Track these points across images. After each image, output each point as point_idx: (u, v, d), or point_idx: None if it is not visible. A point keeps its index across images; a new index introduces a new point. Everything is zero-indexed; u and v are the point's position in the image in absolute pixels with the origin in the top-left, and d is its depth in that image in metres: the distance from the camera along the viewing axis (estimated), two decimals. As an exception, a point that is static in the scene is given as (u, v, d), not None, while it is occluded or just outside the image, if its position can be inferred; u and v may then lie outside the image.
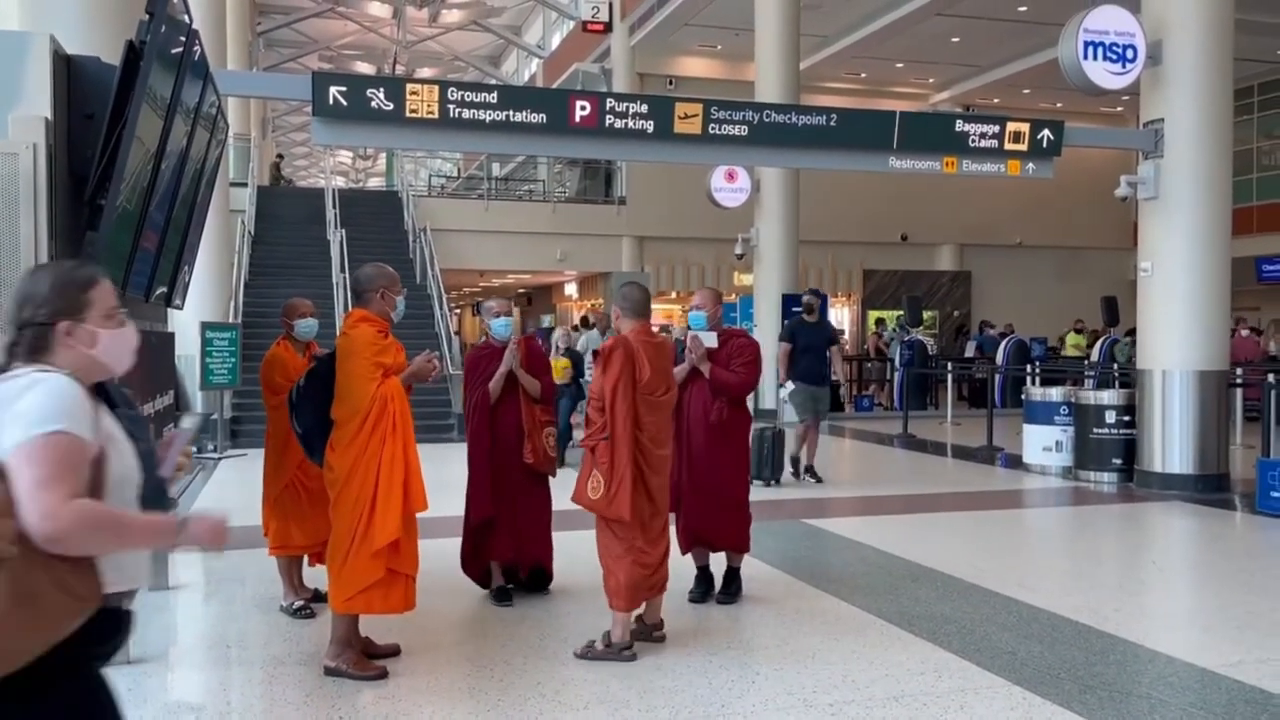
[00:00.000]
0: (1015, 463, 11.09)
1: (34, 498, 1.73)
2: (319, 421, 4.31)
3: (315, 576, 5.32)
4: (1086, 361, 17.65)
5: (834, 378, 10.01)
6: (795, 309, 15.74)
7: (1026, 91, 23.13)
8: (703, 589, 5.47)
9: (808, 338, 9.61)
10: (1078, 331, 20.68)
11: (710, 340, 5.33)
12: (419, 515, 4.29)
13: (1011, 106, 23.13)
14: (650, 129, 8.15)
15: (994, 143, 8.94)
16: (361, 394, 4.16)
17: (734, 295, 21.97)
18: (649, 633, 4.66)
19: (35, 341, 1.92)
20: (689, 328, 5.48)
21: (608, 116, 8.03)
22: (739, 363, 5.33)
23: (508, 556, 5.39)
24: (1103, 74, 8.93)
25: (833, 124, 8.63)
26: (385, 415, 4.17)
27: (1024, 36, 19.77)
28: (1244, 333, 15.39)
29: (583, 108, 7.96)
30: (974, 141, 8.90)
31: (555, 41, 29.47)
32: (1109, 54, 8.89)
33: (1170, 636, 4.89)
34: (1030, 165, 9.15)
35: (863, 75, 23.22)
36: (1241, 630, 5.00)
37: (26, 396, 1.80)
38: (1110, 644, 4.71)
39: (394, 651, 4.51)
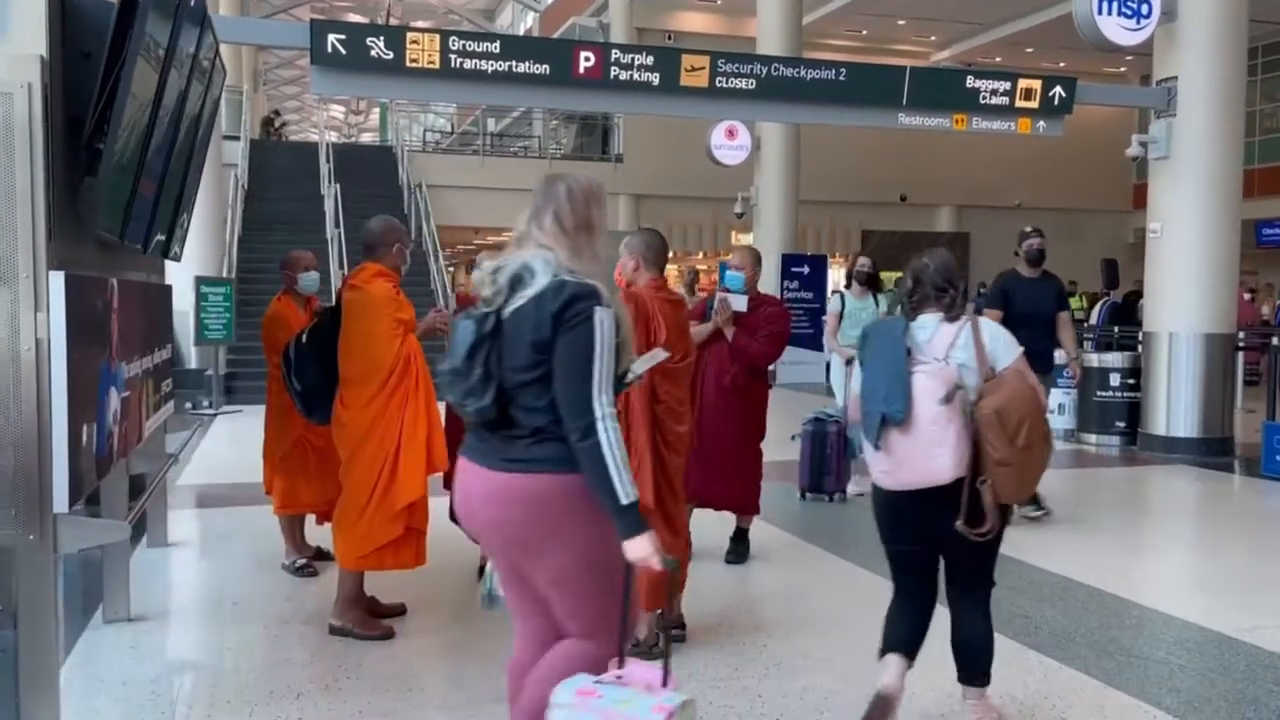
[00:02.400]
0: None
1: (1038, 391, 3.15)
2: (323, 379, 4.21)
3: (316, 534, 5.24)
4: (1085, 324, 17.58)
5: (1066, 358, 6.70)
6: (795, 269, 15.62)
7: (1029, 50, 22.85)
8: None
9: (1028, 299, 6.32)
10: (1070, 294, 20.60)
11: (740, 304, 5.12)
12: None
13: (1014, 65, 22.87)
14: (656, 81, 7.97)
15: (1005, 100, 8.78)
16: (384, 351, 4.05)
17: (731, 255, 21.84)
18: (666, 632, 4.33)
19: (960, 302, 3.20)
20: (722, 285, 5.28)
21: (612, 68, 7.84)
22: (765, 333, 5.12)
23: None
24: (1117, 29, 8.76)
25: (842, 78, 8.46)
26: (409, 373, 4.07)
27: (1028, -6, 19.49)
28: (1246, 296, 15.34)
29: (587, 59, 7.77)
30: (985, 98, 8.74)
31: (551, -6, 28.98)
32: (1124, 9, 8.72)
33: (1183, 601, 4.85)
34: (1041, 123, 9.00)
35: (864, 32, 22.91)
36: (1255, 595, 4.96)
37: (999, 333, 3.22)
38: (1123, 608, 4.67)
39: (400, 611, 4.44)
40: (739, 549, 5.44)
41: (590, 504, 2.38)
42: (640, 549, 2.36)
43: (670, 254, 22.55)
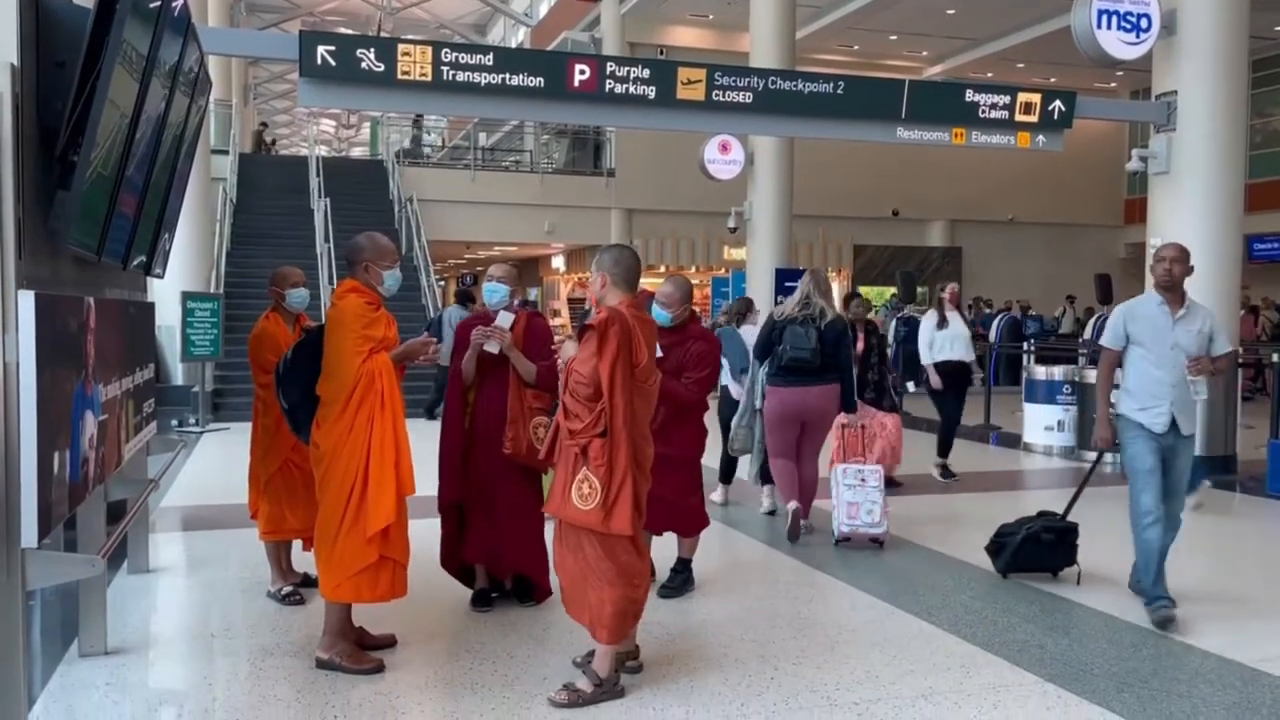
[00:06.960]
0: (1010, 441, 10.92)
1: None
2: (306, 397, 4.05)
3: (304, 560, 5.06)
4: (1080, 339, 17.50)
5: None
6: (789, 284, 15.45)
7: (1020, 65, 22.87)
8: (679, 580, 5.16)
9: None
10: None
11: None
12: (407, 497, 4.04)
13: (1005, 80, 22.86)
14: (652, 95, 7.84)
15: (1004, 114, 8.68)
16: (348, 368, 3.89)
17: (725, 270, 21.72)
18: (621, 662, 3.89)
19: None
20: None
21: (608, 81, 7.71)
22: (693, 377, 4.79)
23: (479, 558, 4.79)
24: (1116, 43, 8.68)
25: (839, 92, 8.34)
26: (372, 391, 3.89)
27: (1020, 9, 19.46)
28: (1241, 312, 15.25)
29: (582, 72, 7.64)
30: (984, 112, 8.63)
31: (543, 9, 28.95)
32: (1123, 23, 8.64)
33: (1199, 628, 4.68)
34: (1040, 138, 8.90)
35: (855, 48, 22.90)
36: (1272, 623, 4.81)
37: None
38: (1140, 637, 4.52)
39: (390, 643, 4.26)
40: (674, 580, 5.12)
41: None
42: (855, 415, 6.69)
43: (664, 268, 22.21)
